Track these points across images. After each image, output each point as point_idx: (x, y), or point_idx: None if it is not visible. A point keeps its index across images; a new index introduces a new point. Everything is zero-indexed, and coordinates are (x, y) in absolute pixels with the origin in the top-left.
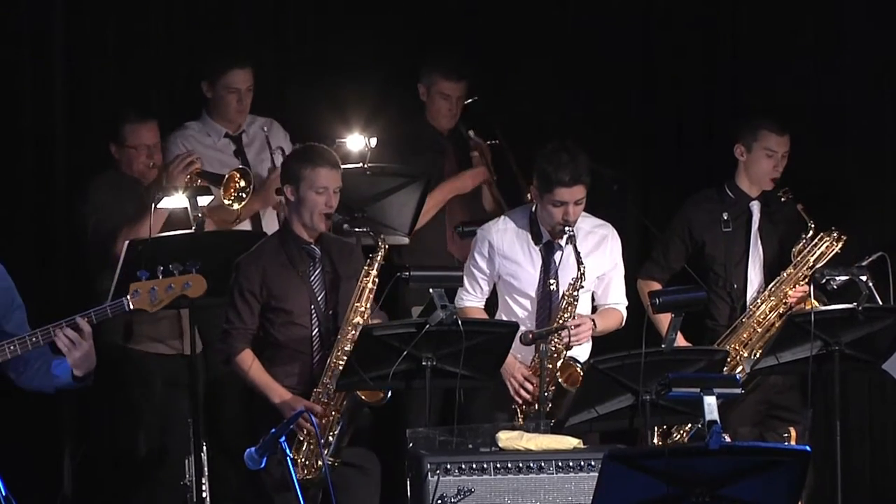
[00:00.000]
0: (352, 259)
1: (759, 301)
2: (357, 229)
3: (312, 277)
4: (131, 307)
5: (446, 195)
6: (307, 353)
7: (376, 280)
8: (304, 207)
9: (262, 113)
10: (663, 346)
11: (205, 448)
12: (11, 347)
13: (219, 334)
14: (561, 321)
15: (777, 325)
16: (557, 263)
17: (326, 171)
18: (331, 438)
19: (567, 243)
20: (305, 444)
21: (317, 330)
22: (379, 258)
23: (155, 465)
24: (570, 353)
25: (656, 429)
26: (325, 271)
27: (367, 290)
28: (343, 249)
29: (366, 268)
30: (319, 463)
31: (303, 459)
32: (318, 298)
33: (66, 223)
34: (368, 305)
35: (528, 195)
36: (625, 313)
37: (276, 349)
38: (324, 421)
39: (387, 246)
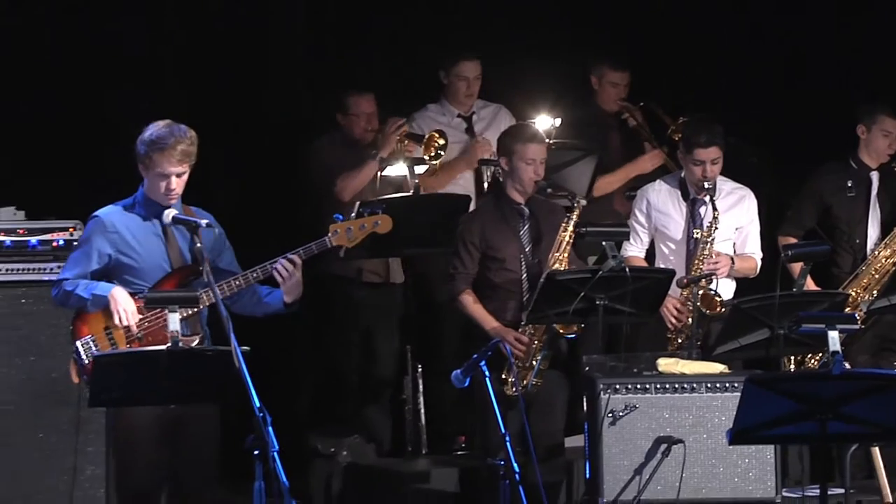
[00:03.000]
0: (554, 217)
1: (876, 252)
2: (559, 193)
3: (522, 231)
4: (332, 244)
5: (629, 174)
6: (517, 293)
7: (572, 234)
8: (516, 175)
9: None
10: (794, 289)
11: (419, 368)
12: (237, 282)
13: (441, 276)
14: (702, 259)
15: (891, 271)
16: (701, 216)
17: (534, 146)
18: (534, 363)
19: (707, 197)
20: (512, 367)
21: (525, 274)
22: (574, 217)
23: (367, 382)
24: (713, 288)
25: (791, 357)
26: (532, 227)
27: (565, 243)
28: (547, 209)
29: (563, 224)
30: (523, 382)
31: (511, 379)
32: (526, 249)
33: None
34: (566, 255)
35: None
36: (759, 261)
37: (491, 290)
38: (534, 346)
39: (581, 207)
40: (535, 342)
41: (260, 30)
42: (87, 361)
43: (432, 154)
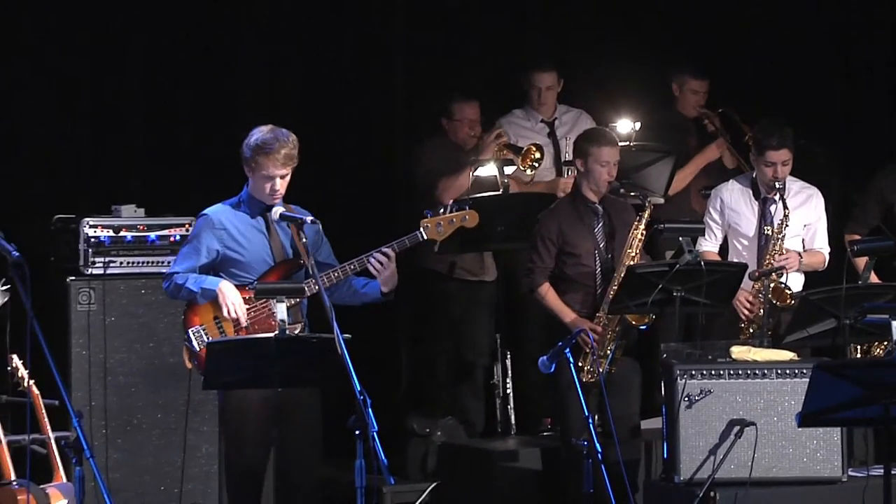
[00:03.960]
0: (626, 215)
1: None
2: (631, 193)
3: (596, 228)
4: (423, 237)
5: (699, 165)
6: (591, 286)
7: (644, 232)
8: (591, 176)
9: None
10: (860, 282)
11: (509, 356)
12: (336, 274)
13: (522, 269)
14: (773, 255)
15: None
16: (772, 214)
17: (608, 149)
18: (608, 351)
19: (778, 196)
20: (589, 355)
21: (598, 269)
22: (646, 215)
23: (460, 369)
24: (783, 281)
25: (857, 346)
26: (606, 224)
27: (637, 240)
28: (619, 207)
29: (636, 222)
30: (600, 370)
31: (588, 367)
32: (601, 245)
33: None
34: (637, 251)
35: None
36: (827, 256)
37: (567, 283)
38: (608, 336)
39: (652, 206)
40: (609, 332)
41: (364, 35)
42: (198, 348)
43: (528, 165)
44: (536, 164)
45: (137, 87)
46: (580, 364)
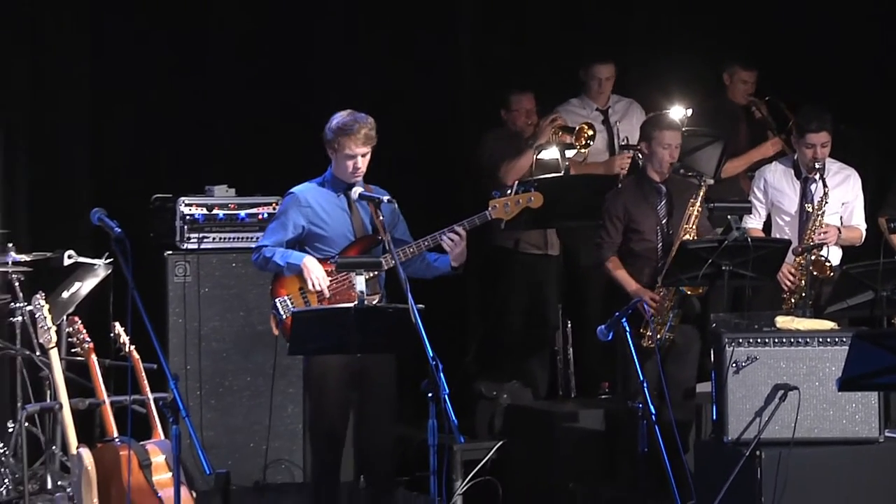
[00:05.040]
0: (687, 195)
1: None
2: (689, 174)
3: (659, 207)
4: (492, 216)
5: (752, 159)
6: (653, 259)
7: (700, 209)
8: (654, 158)
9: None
10: None
11: (569, 324)
12: (411, 249)
13: (587, 245)
14: (813, 231)
15: None
16: (812, 193)
17: (670, 133)
18: (667, 319)
19: (818, 176)
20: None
21: (660, 244)
22: (701, 194)
23: (525, 336)
24: (823, 255)
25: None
26: (668, 203)
27: (693, 216)
28: (682, 187)
29: (692, 200)
30: (658, 336)
31: (648, 334)
32: (663, 221)
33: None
34: (694, 227)
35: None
36: (864, 232)
37: (632, 257)
38: (666, 305)
39: (707, 186)
40: (668, 302)
41: (435, 31)
42: (284, 317)
43: (583, 143)
44: (591, 142)
45: (227, 79)
46: (641, 331)
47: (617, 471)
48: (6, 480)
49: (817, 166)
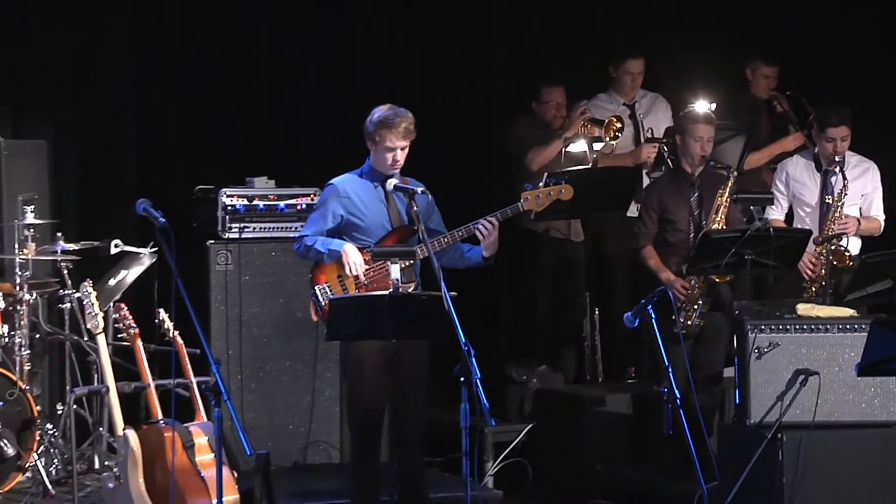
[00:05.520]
0: (718, 186)
1: None
2: (718, 166)
3: (692, 198)
4: (523, 208)
5: (774, 153)
6: (686, 248)
7: (728, 201)
8: (687, 151)
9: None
10: None
11: (597, 311)
12: (445, 239)
13: (613, 233)
14: (833, 221)
15: None
16: (832, 185)
17: (702, 126)
18: (696, 307)
19: (838, 168)
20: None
21: (693, 233)
22: (730, 185)
23: (554, 322)
24: (843, 245)
25: None
26: (700, 194)
27: (722, 207)
28: (714, 179)
29: (721, 190)
30: (689, 322)
31: (680, 320)
32: (695, 212)
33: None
34: (722, 217)
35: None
36: (882, 222)
37: (667, 246)
38: (695, 293)
39: (735, 178)
40: (697, 290)
41: (468, 27)
42: (323, 303)
43: (611, 136)
44: (619, 134)
45: (267, 76)
46: (674, 318)
47: (643, 453)
48: (56, 460)
49: (837, 159)
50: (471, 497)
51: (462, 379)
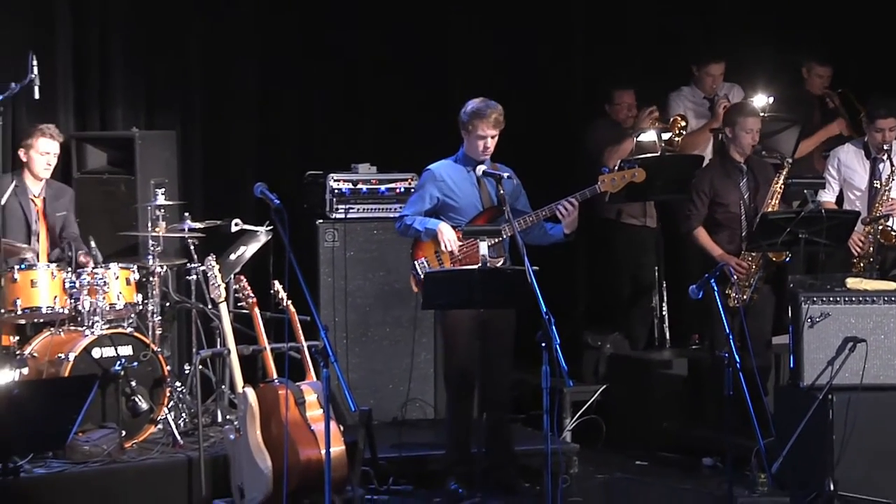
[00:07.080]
0: (766, 172)
1: None
2: (772, 154)
3: (741, 183)
4: (600, 190)
5: (821, 138)
6: (738, 229)
7: (782, 187)
8: (737, 141)
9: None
10: None
11: (665, 284)
12: (530, 218)
13: (682, 215)
14: (881, 203)
15: None
16: (881, 171)
17: (752, 119)
18: (751, 282)
19: (885, 156)
20: (733, 284)
21: (744, 216)
22: (784, 173)
23: (627, 294)
24: (889, 225)
25: None
26: (749, 180)
27: (776, 193)
28: (761, 166)
29: (776, 178)
30: (743, 296)
31: (733, 293)
32: (745, 196)
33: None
34: (777, 201)
35: None
36: None
37: (717, 226)
38: (751, 269)
39: (788, 165)
40: (754, 266)
41: (551, 31)
42: (421, 276)
43: (676, 132)
44: (684, 131)
45: (372, 72)
46: (727, 291)
47: (705, 412)
48: (183, 414)
49: (885, 148)
50: (551, 450)
51: (543, 344)
